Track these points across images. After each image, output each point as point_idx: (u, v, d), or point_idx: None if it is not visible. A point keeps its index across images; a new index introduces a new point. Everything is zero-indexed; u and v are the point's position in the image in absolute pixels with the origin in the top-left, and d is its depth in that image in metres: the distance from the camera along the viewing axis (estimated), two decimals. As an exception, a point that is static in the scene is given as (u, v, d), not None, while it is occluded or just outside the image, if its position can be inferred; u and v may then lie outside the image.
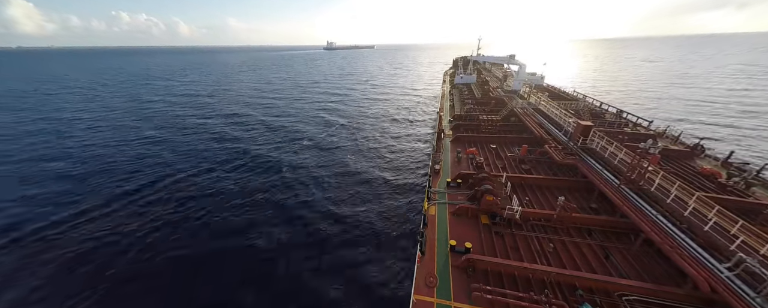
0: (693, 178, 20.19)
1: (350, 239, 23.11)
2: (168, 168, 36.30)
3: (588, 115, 34.36)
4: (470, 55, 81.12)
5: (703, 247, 12.72)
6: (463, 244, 14.45)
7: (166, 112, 68.41)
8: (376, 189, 30.71)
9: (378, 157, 39.22)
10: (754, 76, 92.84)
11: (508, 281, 12.80)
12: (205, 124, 57.23)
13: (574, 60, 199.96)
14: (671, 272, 12.97)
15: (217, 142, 46.18)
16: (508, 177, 19.93)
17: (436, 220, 16.95)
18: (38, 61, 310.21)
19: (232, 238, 23.60)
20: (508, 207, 16.34)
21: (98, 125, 57.50)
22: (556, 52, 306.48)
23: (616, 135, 25.94)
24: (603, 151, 21.08)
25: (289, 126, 54.98)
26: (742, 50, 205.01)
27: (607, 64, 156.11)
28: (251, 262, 21.31)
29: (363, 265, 20.50)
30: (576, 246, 14.86)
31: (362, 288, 18.77)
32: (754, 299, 10.25)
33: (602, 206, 17.97)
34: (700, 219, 13.54)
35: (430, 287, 12.66)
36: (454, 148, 27.62)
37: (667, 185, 15.68)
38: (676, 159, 23.40)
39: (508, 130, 32.48)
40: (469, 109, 41.21)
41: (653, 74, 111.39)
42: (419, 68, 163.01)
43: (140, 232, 24.25)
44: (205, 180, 33.00)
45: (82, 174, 35.29)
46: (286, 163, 37.28)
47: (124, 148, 44.00)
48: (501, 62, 76.51)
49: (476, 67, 73.06)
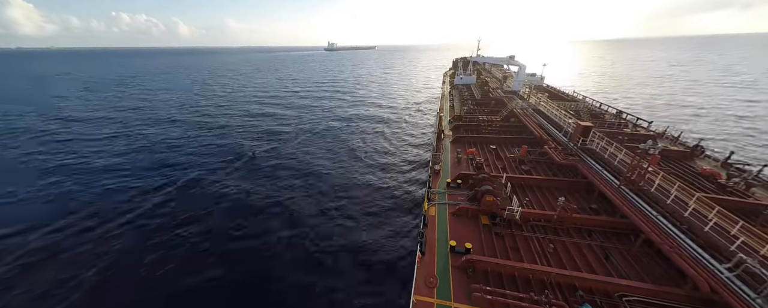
0: (693, 179, 20.18)
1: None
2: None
3: (588, 115, 34.38)
4: (470, 56, 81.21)
5: (703, 248, 12.71)
6: (463, 245, 14.44)
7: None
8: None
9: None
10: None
11: (508, 281, 12.79)
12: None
13: (586, 62, 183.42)
14: (671, 272, 12.96)
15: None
16: (508, 177, 19.93)
17: (436, 221, 16.94)
18: (59, 61, 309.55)
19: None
20: (508, 207, 16.33)
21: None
22: (559, 53, 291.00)
23: (615, 135, 25.93)
24: (603, 151, 21.09)
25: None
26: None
27: (636, 70, 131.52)
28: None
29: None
30: (576, 247, 14.85)
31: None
32: (754, 300, 10.24)
33: (602, 206, 17.97)
34: (700, 219, 13.54)
35: (430, 287, 12.65)
36: (454, 148, 27.61)
37: (667, 186, 15.67)
38: (675, 159, 23.40)
39: (508, 131, 32.48)
40: (468, 110, 41.23)
41: (698, 81, 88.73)
42: (411, 80, 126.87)
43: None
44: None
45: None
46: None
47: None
48: (501, 63, 76.62)
49: (476, 67, 73.11)
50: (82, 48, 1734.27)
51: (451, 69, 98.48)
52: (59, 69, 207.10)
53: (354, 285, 19.02)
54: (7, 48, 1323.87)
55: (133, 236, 24.19)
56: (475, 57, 76.93)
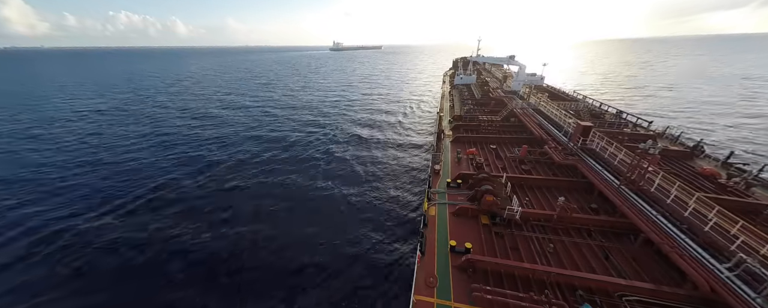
0: (693, 179, 20.17)
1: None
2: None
3: (588, 115, 34.38)
4: (470, 56, 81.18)
5: (703, 247, 12.71)
6: (463, 244, 14.44)
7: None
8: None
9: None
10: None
11: (508, 281, 12.78)
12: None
13: (617, 67, 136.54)
14: (671, 272, 12.96)
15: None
16: (508, 177, 19.92)
17: (436, 221, 16.92)
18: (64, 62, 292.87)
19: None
20: (508, 207, 16.32)
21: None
22: (577, 56, 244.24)
23: (615, 135, 25.93)
24: (603, 151, 21.09)
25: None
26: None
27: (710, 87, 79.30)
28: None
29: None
30: (576, 247, 14.85)
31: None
32: (754, 299, 10.24)
33: (602, 206, 17.96)
34: (700, 219, 13.54)
35: (430, 287, 12.64)
36: (454, 148, 27.60)
37: (666, 185, 15.67)
38: (675, 159, 23.39)
39: (508, 131, 32.48)
40: (468, 110, 41.24)
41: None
42: (401, 93, 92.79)
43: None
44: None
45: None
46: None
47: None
48: (501, 63, 76.59)
49: (476, 67, 73.11)
50: (78, 47, 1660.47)
51: (451, 69, 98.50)
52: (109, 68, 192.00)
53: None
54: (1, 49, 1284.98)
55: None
56: (475, 57, 76.94)
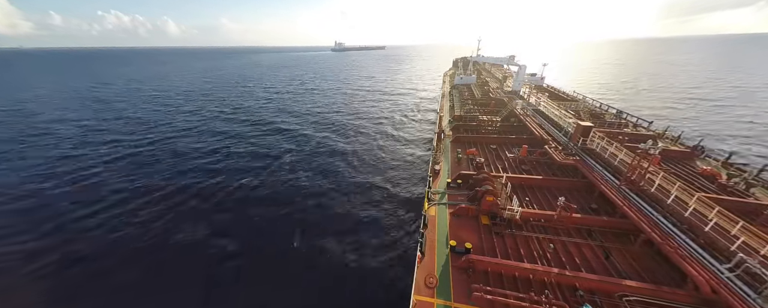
0: (693, 179, 20.18)
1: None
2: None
3: (588, 115, 34.37)
4: (470, 56, 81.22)
5: (703, 248, 12.72)
6: (463, 245, 14.43)
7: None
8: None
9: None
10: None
11: (509, 282, 12.78)
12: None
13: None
14: (672, 273, 12.95)
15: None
16: (508, 177, 19.92)
17: (436, 221, 16.92)
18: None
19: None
20: (509, 207, 16.32)
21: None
22: (590, 58, 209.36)
23: (616, 135, 25.93)
24: (603, 151, 21.10)
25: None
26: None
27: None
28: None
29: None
30: (576, 247, 14.84)
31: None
32: (754, 300, 10.23)
33: (602, 207, 17.96)
34: (700, 219, 13.54)
35: (430, 287, 12.63)
36: (454, 148, 27.60)
37: (667, 186, 15.68)
38: (676, 159, 23.39)
39: (508, 131, 32.47)
40: (468, 110, 41.24)
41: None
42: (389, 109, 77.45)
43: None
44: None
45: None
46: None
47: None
48: (501, 63, 76.61)
49: (476, 67, 73.10)
50: (62, 48, 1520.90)
51: (451, 69, 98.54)
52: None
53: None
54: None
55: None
56: (476, 57, 76.97)
